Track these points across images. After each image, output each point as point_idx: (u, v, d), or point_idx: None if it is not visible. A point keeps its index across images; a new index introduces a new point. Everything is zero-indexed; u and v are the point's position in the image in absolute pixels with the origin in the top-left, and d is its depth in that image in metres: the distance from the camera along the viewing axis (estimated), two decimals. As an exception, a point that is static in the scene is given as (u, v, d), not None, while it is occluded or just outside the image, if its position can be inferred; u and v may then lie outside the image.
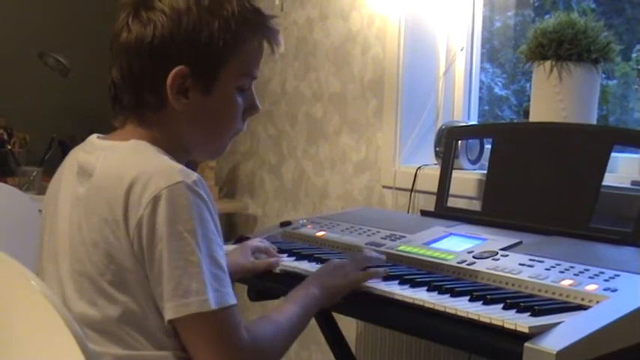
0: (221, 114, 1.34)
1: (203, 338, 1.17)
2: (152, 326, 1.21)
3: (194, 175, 1.20)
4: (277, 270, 1.66)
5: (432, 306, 1.36)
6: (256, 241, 1.77)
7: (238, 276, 1.66)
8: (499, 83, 2.58)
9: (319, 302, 1.41)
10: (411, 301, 1.40)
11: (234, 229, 3.21)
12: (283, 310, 1.34)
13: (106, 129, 1.39)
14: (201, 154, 1.39)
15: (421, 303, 1.38)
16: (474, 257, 1.58)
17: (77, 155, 1.34)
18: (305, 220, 2.02)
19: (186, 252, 1.16)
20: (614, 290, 1.33)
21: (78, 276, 1.24)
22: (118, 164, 1.24)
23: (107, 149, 1.29)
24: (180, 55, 1.27)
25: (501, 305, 1.32)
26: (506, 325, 1.23)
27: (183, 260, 1.16)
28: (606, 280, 1.38)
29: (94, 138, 1.35)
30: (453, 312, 1.32)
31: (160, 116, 1.30)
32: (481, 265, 1.53)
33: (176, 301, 1.16)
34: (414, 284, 1.48)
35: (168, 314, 1.17)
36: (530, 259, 1.52)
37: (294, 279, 1.54)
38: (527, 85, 2.33)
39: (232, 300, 1.19)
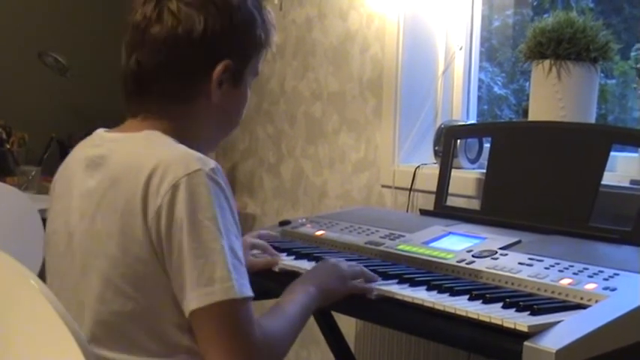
0: (240, 106, 1.38)
1: (219, 330, 1.15)
2: (165, 325, 1.19)
3: (212, 163, 1.20)
4: (277, 269, 1.66)
5: (431, 305, 1.36)
6: (254, 237, 1.77)
7: None
8: (498, 82, 2.58)
9: (316, 302, 1.41)
10: (410, 300, 1.40)
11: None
12: (285, 308, 1.33)
13: (104, 127, 1.38)
14: (206, 146, 1.38)
15: (420, 302, 1.38)
16: (473, 256, 1.58)
17: (84, 151, 1.32)
18: (304, 220, 2.02)
19: (207, 240, 1.15)
20: (614, 289, 1.33)
21: (90, 271, 1.22)
22: (134, 154, 1.24)
23: (119, 141, 1.29)
24: (227, 50, 1.29)
25: (500, 304, 1.32)
26: (505, 324, 1.23)
27: (205, 249, 1.15)
28: (605, 279, 1.38)
29: (101, 132, 1.34)
30: (452, 311, 1.32)
31: (187, 107, 1.31)
32: (480, 264, 1.53)
33: (200, 290, 1.14)
34: (413, 283, 1.48)
35: (192, 304, 1.14)
36: (530, 258, 1.52)
37: (293, 278, 1.54)
38: (526, 84, 2.33)
39: (251, 292, 1.18)
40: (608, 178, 1.83)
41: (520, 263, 1.50)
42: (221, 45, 1.29)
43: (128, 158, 1.24)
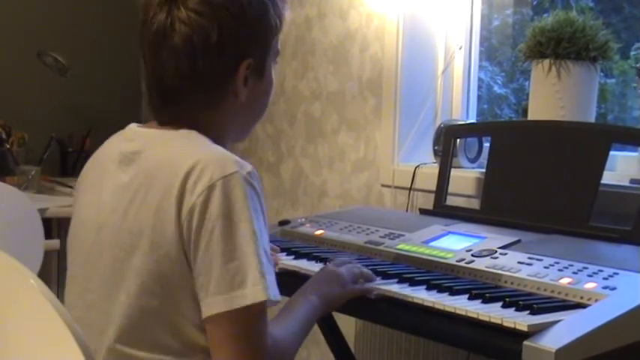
0: (268, 94, 1.37)
1: (242, 331, 1.15)
2: (186, 324, 1.19)
3: (249, 167, 1.20)
4: (276, 269, 1.66)
5: (430, 304, 1.36)
6: None
7: None
8: (498, 82, 2.58)
9: (319, 311, 1.41)
10: (410, 299, 1.40)
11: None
12: (289, 319, 1.34)
13: (104, 127, 1.38)
14: (233, 139, 1.37)
15: (420, 301, 1.38)
16: (472, 256, 1.58)
17: (117, 145, 1.31)
18: (303, 219, 2.02)
19: (241, 243, 1.15)
20: (613, 288, 1.33)
21: (118, 266, 1.22)
22: (171, 152, 1.23)
23: (153, 136, 1.28)
24: (247, 48, 1.28)
25: (500, 303, 1.32)
26: (505, 324, 1.23)
27: (237, 251, 1.15)
28: (605, 279, 1.38)
29: (134, 126, 1.33)
30: (452, 310, 1.32)
31: (214, 111, 1.29)
32: (480, 264, 1.54)
33: (230, 293, 1.14)
34: (413, 283, 1.48)
35: (218, 307, 1.14)
36: (529, 258, 1.52)
37: (293, 277, 1.55)
38: (526, 84, 2.33)
39: (279, 296, 1.19)
40: (608, 178, 1.83)
41: (520, 262, 1.50)
42: (240, 46, 1.27)
43: (164, 155, 1.23)
